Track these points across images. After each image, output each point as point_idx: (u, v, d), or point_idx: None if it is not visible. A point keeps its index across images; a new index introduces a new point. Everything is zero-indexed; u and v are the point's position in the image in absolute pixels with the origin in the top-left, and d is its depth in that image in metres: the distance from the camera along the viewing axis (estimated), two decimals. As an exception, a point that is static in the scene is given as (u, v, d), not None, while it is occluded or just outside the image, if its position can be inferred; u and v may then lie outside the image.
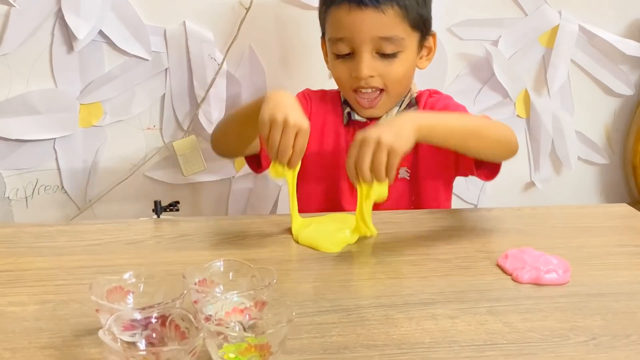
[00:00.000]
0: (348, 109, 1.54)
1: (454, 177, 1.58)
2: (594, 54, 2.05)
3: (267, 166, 1.53)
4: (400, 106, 1.54)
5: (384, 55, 1.44)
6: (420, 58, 1.53)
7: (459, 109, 1.55)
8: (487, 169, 1.45)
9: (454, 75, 2.00)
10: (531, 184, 2.14)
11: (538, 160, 2.11)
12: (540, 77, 2.05)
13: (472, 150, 1.35)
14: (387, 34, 1.42)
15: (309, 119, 1.40)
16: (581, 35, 2.02)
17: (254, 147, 1.49)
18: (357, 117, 1.53)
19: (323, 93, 1.63)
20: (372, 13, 1.41)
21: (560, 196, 2.15)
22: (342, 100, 1.57)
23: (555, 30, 2.00)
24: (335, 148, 1.55)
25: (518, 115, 2.07)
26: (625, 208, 1.47)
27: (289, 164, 1.18)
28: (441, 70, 1.96)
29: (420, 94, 1.57)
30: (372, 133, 1.13)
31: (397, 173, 1.52)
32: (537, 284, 1.04)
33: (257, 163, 1.55)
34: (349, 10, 1.42)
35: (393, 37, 1.43)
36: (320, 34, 1.56)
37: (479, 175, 1.46)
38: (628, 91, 2.11)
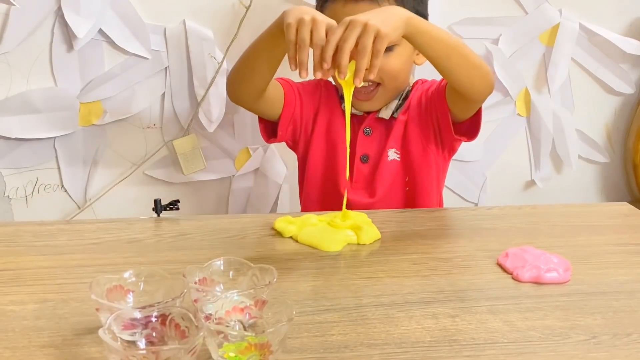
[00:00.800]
0: (344, 104, 1.54)
1: (444, 157, 1.58)
2: (595, 53, 2.05)
3: (282, 137, 1.56)
4: (399, 100, 1.54)
5: None
6: (418, 54, 1.52)
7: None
8: (467, 129, 1.46)
9: (454, 74, 1.99)
10: (532, 183, 2.14)
11: (538, 158, 2.11)
12: (540, 75, 2.05)
13: (453, 65, 1.32)
14: None
15: (313, 107, 1.41)
16: (582, 34, 2.01)
17: (276, 105, 1.50)
18: (353, 111, 1.54)
19: (326, 83, 1.63)
20: (368, 7, 1.38)
21: (560, 195, 2.15)
22: (340, 94, 1.58)
23: (555, 28, 1.99)
24: (335, 136, 1.57)
25: (518, 114, 2.06)
26: (625, 207, 1.47)
27: (334, 60, 1.13)
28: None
29: (414, 85, 1.59)
30: (360, 16, 1.13)
31: (387, 155, 1.53)
32: (538, 282, 1.04)
33: (271, 130, 1.55)
34: (345, 4, 1.42)
35: None
36: None
37: (461, 135, 1.47)
38: (629, 90, 2.11)
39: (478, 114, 1.46)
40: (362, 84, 1.44)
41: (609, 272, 1.09)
